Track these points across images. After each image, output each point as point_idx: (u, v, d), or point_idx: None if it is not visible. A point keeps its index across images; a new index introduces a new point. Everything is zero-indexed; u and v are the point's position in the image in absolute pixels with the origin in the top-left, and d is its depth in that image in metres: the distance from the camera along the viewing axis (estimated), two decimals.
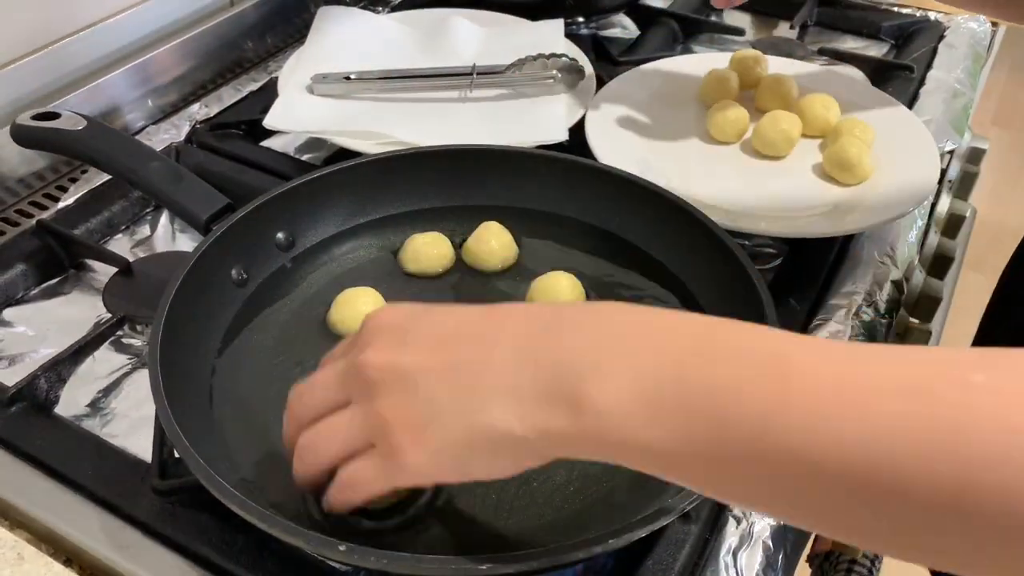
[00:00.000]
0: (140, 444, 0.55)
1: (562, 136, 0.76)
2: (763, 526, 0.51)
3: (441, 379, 0.39)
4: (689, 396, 0.34)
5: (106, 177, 0.73)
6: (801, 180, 0.74)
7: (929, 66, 0.93)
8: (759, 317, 0.54)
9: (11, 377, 0.57)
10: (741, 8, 1.07)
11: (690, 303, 0.61)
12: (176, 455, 0.51)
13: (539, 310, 0.42)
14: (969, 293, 1.20)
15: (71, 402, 0.58)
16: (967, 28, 0.99)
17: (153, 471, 0.51)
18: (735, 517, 0.51)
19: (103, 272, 0.68)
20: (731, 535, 0.50)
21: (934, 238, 0.85)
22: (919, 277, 0.78)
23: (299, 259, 0.64)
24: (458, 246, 0.65)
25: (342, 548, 0.41)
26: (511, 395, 0.37)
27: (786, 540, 0.51)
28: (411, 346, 0.40)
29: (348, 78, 0.82)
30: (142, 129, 0.83)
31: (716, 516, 0.51)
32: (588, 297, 0.61)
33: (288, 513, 0.48)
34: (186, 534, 0.49)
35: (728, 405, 0.33)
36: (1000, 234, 1.95)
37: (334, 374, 0.43)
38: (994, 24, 1.02)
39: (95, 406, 0.58)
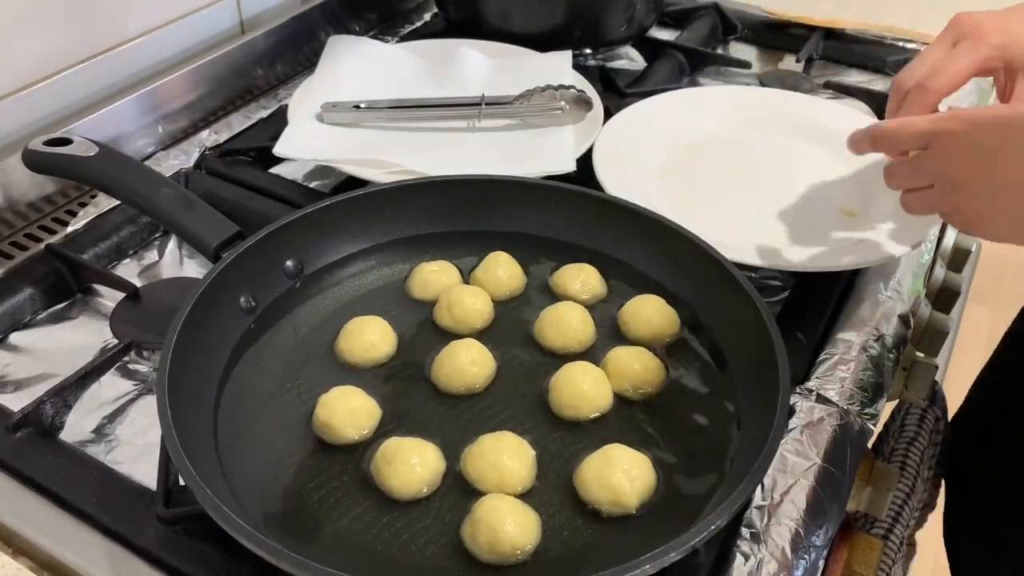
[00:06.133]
0: (145, 471, 0.54)
1: (570, 167, 0.76)
2: (771, 563, 0.50)
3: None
4: None
5: (115, 202, 0.73)
6: (807, 214, 0.74)
7: None
8: (767, 350, 0.54)
9: (17, 402, 0.57)
10: (746, 41, 1.08)
11: (700, 333, 0.61)
12: (181, 483, 0.50)
13: None
14: (974, 326, 1.20)
15: (76, 428, 0.58)
16: None
17: (158, 499, 0.51)
18: (743, 553, 0.50)
19: (110, 297, 0.68)
20: (739, 571, 0.50)
21: (940, 272, 0.85)
22: (925, 311, 0.78)
23: (307, 286, 0.64)
24: (466, 274, 0.65)
25: None
26: None
27: None
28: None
29: (357, 107, 0.83)
30: (151, 155, 0.84)
31: (725, 552, 0.51)
32: (596, 328, 0.61)
33: (294, 542, 0.47)
34: (190, 564, 0.48)
35: None
36: (1003, 267, 1.96)
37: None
38: None
39: (100, 432, 0.58)
